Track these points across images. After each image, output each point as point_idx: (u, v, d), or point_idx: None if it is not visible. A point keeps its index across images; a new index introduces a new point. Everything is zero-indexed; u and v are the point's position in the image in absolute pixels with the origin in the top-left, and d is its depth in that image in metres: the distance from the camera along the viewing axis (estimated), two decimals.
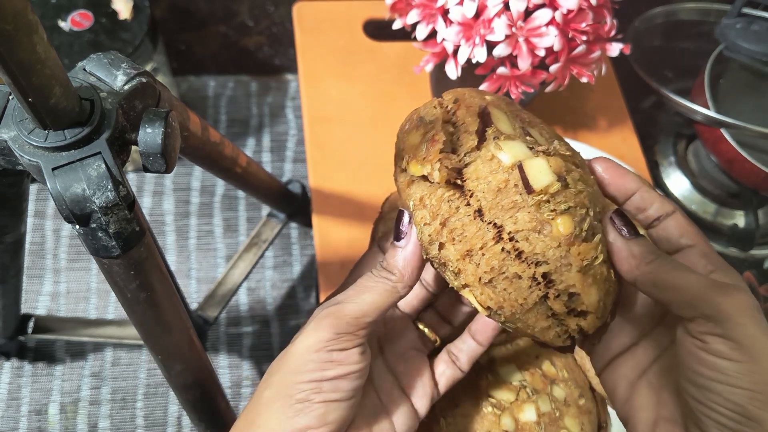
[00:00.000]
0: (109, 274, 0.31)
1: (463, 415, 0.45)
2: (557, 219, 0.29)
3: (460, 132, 0.31)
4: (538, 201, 0.29)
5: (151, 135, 0.28)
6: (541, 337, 0.31)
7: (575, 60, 0.51)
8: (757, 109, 0.70)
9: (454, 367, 0.39)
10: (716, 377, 0.26)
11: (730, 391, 0.26)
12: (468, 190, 0.30)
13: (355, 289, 0.33)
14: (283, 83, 1.05)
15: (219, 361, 0.85)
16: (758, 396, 0.25)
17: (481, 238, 0.29)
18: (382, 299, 0.32)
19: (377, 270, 0.34)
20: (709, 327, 0.26)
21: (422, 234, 0.31)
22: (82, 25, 0.75)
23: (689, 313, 0.27)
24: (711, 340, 0.26)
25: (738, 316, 0.26)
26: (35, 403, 0.81)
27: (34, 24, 0.22)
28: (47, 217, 0.92)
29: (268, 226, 0.78)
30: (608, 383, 0.33)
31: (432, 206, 0.30)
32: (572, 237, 0.29)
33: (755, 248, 0.70)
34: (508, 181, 0.29)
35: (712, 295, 0.27)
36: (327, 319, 0.32)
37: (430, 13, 0.51)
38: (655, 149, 0.76)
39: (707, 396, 0.26)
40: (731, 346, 0.26)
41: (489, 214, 0.29)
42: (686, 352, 0.28)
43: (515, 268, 0.29)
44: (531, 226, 0.29)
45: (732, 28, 0.66)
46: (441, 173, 0.29)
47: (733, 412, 0.25)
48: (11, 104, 0.28)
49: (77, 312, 0.86)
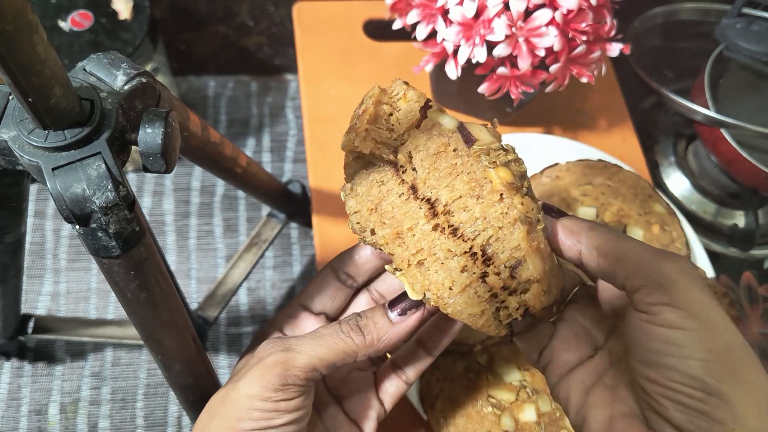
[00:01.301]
0: (109, 274, 0.31)
1: (463, 415, 0.45)
2: (497, 169, 0.28)
3: (402, 111, 0.30)
4: (478, 152, 0.28)
5: (151, 135, 0.28)
6: (473, 324, 0.29)
7: (575, 60, 0.51)
8: (757, 109, 0.70)
9: (399, 381, 0.37)
10: (669, 350, 0.24)
11: (685, 363, 0.24)
12: (401, 166, 0.30)
13: (313, 338, 0.31)
14: (283, 83, 1.05)
15: (219, 361, 0.85)
16: (714, 366, 0.23)
17: (412, 217, 0.29)
18: (336, 358, 0.31)
19: (346, 325, 0.32)
20: (656, 296, 0.25)
21: (351, 223, 0.30)
22: (82, 25, 0.75)
23: (635, 282, 0.26)
24: (659, 311, 0.25)
25: (683, 281, 0.25)
26: (35, 403, 0.81)
27: (34, 24, 0.22)
28: (47, 217, 0.92)
29: (268, 226, 0.78)
30: (561, 393, 0.30)
31: (362, 193, 0.30)
32: (513, 186, 0.28)
33: (755, 248, 0.70)
34: (448, 145, 0.29)
35: (657, 261, 0.26)
36: (276, 368, 0.30)
37: (430, 13, 0.51)
38: (655, 149, 0.76)
39: (662, 374, 0.25)
40: (680, 314, 0.24)
41: (424, 187, 0.29)
42: (636, 331, 0.26)
43: (448, 245, 0.28)
44: (469, 190, 0.28)
45: (732, 28, 0.66)
46: (366, 143, 0.29)
47: (691, 388, 0.24)
48: (11, 104, 0.28)
49: (77, 312, 0.86)
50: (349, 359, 0.31)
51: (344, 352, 0.31)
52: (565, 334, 0.31)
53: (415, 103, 0.31)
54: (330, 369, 0.31)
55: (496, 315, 0.29)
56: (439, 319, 0.36)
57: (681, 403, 0.24)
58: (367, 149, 0.30)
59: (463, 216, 0.28)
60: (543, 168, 0.59)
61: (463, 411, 0.45)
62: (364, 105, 0.31)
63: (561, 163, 0.58)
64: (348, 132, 0.30)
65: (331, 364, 0.31)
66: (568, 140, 0.62)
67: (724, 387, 0.23)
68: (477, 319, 0.28)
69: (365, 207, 0.30)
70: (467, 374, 0.47)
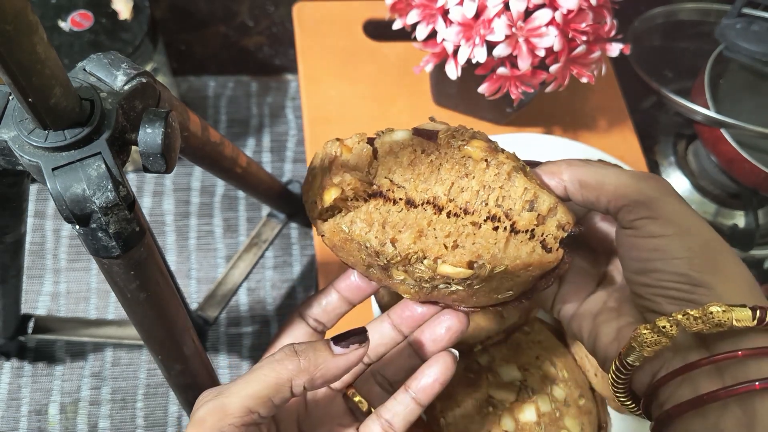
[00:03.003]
0: (109, 274, 0.31)
1: (463, 415, 0.45)
2: (470, 143, 0.30)
3: (357, 157, 0.31)
4: (447, 138, 0.30)
5: (151, 135, 0.28)
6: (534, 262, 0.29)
7: (575, 60, 0.52)
8: (757, 109, 0.70)
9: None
10: (655, 256, 0.27)
11: (670, 263, 0.27)
12: (388, 190, 0.30)
13: (245, 376, 0.29)
14: (283, 83, 1.05)
15: (219, 361, 0.85)
16: (695, 261, 0.26)
17: (424, 218, 0.30)
18: (269, 391, 0.28)
19: (281, 352, 0.29)
20: (638, 212, 0.28)
21: (370, 242, 0.29)
22: (82, 25, 0.75)
23: (617, 203, 0.29)
24: (642, 224, 0.28)
25: (660, 195, 0.28)
26: (35, 403, 0.81)
27: (35, 24, 0.22)
28: (47, 217, 0.92)
29: (268, 226, 0.78)
30: (575, 328, 0.33)
31: (364, 220, 0.30)
32: (491, 148, 0.30)
33: (755, 248, 0.70)
34: (415, 150, 0.30)
35: (635, 182, 0.29)
36: (207, 422, 0.28)
37: (430, 13, 0.51)
38: (655, 149, 0.76)
39: (652, 277, 0.28)
40: (660, 223, 0.27)
41: (418, 194, 0.30)
42: (625, 247, 0.29)
43: (469, 219, 0.30)
44: (455, 174, 0.30)
45: (732, 28, 0.66)
46: (353, 183, 0.30)
47: (678, 282, 0.27)
48: (11, 104, 0.28)
49: (77, 312, 0.86)
50: (285, 390, 0.29)
51: (276, 383, 0.28)
52: (570, 279, 0.34)
53: (358, 144, 0.32)
54: (269, 407, 0.28)
55: (545, 247, 0.30)
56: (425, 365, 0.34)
57: (671, 297, 0.27)
58: (357, 183, 0.30)
59: (465, 195, 0.30)
60: None
61: (462, 411, 0.45)
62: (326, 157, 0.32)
63: None
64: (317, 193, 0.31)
65: (267, 400, 0.28)
66: (568, 140, 0.62)
67: (706, 277, 0.26)
68: (531, 256, 0.29)
69: (376, 224, 0.29)
70: (467, 374, 0.47)
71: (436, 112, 0.67)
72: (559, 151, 0.61)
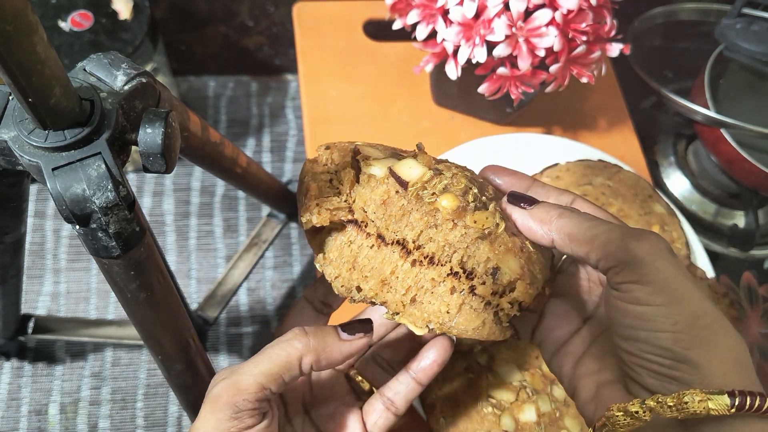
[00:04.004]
0: (109, 275, 0.31)
1: (463, 415, 0.45)
2: (439, 199, 0.29)
3: (339, 174, 0.32)
4: (416, 191, 0.30)
5: (151, 135, 0.28)
6: (480, 337, 0.30)
7: (575, 60, 0.52)
8: (757, 109, 0.70)
9: (388, 413, 0.36)
10: (640, 325, 0.26)
11: (655, 336, 0.25)
12: (362, 221, 0.31)
13: (257, 356, 0.31)
14: (283, 83, 1.05)
15: (219, 361, 0.85)
16: (681, 336, 0.25)
17: (389, 262, 0.30)
18: (281, 369, 0.30)
19: (291, 332, 0.31)
20: (625, 275, 0.26)
21: (336, 288, 0.31)
22: (82, 25, 0.75)
23: (606, 263, 0.27)
24: (629, 288, 0.26)
25: (651, 259, 0.26)
26: (35, 403, 0.81)
27: (35, 24, 0.22)
28: (47, 217, 0.92)
29: (268, 226, 0.78)
30: (554, 367, 0.32)
31: (335, 258, 0.31)
32: (461, 209, 0.29)
33: (755, 248, 0.70)
34: (389, 191, 0.30)
35: (625, 241, 0.27)
36: (222, 398, 0.29)
37: (430, 13, 0.51)
38: (655, 149, 0.76)
39: (636, 346, 0.26)
40: (648, 291, 0.25)
41: (389, 233, 0.30)
42: (612, 308, 0.27)
43: (430, 274, 0.29)
44: (424, 224, 0.29)
45: (732, 28, 0.66)
46: (322, 216, 0.30)
47: (662, 357, 0.25)
48: (11, 104, 0.28)
49: (77, 312, 0.86)
50: (294, 368, 0.30)
51: (287, 361, 0.30)
52: (554, 311, 0.33)
53: (344, 160, 0.32)
54: (279, 384, 0.30)
55: (496, 320, 0.30)
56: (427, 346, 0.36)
57: (654, 371, 0.26)
58: (326, 221, 0.30)
59: (432, 246, 0.29)
60: (543, 168, 0.59)
61: (463, 411, 0.45)
62: (305, 184, 0.32)
63: (561, 163, 0.59)
64: (302, 213, 0.31)
65: (278, 377, 0.30)
66: (568, 140, 0.62)
67: (691, 354, 0.24)
68: (481, 330, 0.30)
69: (344, 269, 0.31)
70: (467, 374, 0.47)
71: (436, 112, 0.67)
72: (559, 151, 0.61)
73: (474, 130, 0.66)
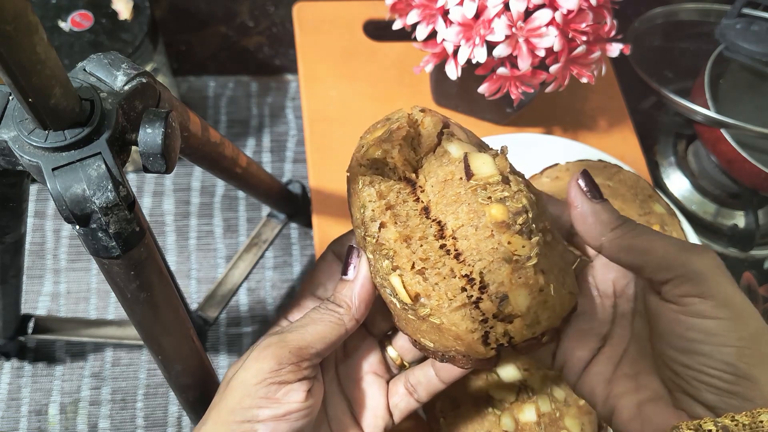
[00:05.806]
0: (109, 275, 0.31)
1: (463, 415, 0.45)
2: (491, 206, 0.29)
3: (423, 137, 0.32)
4: (475, 186, 0.30)
5: (151, 135, 0.28)
6: (463, 338, 0.30)
7: (575, 60, 0.52)
8: (757, 109, 0.70)
9: (410, 398, 0.36)
10: (702, 338, 0.26)
11: (718, 350, 0.25)
12: (419, 186, 0.31)
13: (301, 320, 0.32)
14: (283, 83, 1.05)
15: (219, 361, 0.85)
16: (746, 352, 0.25)
17: (423, 230, 0.30)
18: (327, 331, 0.31)
19: (325, 303, 0.33)
20: (686, 288, 0.26)
21: (365, 210, 0.31)
22: (82, 25, 0.75)
23: (663, 275, 0.27)
24: (690, 302, 0.26)
25: (713, 274, 0.26)
26: (35, 403, 0.81)
27: (35, 24, 0.22)
28: (47, 217, 0.92)
29: (268, 226, 0.78)
30: (585, 389, 0.32)
31: (381, 190, 0.31)
32: (504, 225, 0.29)
33: (755, 248, 0.70)
34: (453, 174, 0.30)
35: (685, 256, 0.27)
36: (269, 348, 0.30)
37: (430, 13, 0.51)
38: (655, 149, 0.76)
39: (696, 360, 0.26)
40: (712, 305, 0.25)
41: (435, 210, 0.30)
42: (666, 320, 0.27)
43: (451, 264, 0.29)
44: (468, 219, 0.29)
45: (732, 28, 0.66)
46: (400, 155, 0.30)
47: (724, 372, 0.25)
48: (11, 104, 0.28)
49: (77, 312, 0.86)
50: (339, 330, 0.32)
51: (330, 323, 0.32)
52: (572, 331, 0.32)
53: (432, 129, 0.32)
54: (324, 345, 0.32)
55: (485, 338, 0.30)
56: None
57: (713, 385, 0.25)
58: (400, 162, 0.31)
59: (465, 244, 0.29)
60: (543, 168, 0.59)
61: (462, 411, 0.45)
62: (399, 122, 0.32)
63: (561, 163, 0.58)
64: (383, 141, 0.31)
65: (324, 339, 0.31)
66: (568, 140, 0.62)
67: (754, 370, 0.25)
68: (468, 334, 0.29)
69: (382, 203, 0.31)
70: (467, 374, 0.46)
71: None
72: (559, 151, 0.61)
73: (474, 130, 0.65)
